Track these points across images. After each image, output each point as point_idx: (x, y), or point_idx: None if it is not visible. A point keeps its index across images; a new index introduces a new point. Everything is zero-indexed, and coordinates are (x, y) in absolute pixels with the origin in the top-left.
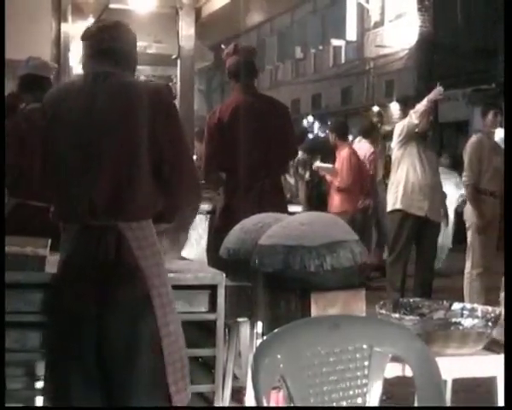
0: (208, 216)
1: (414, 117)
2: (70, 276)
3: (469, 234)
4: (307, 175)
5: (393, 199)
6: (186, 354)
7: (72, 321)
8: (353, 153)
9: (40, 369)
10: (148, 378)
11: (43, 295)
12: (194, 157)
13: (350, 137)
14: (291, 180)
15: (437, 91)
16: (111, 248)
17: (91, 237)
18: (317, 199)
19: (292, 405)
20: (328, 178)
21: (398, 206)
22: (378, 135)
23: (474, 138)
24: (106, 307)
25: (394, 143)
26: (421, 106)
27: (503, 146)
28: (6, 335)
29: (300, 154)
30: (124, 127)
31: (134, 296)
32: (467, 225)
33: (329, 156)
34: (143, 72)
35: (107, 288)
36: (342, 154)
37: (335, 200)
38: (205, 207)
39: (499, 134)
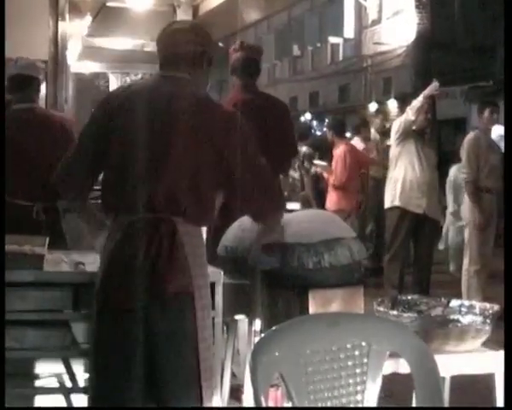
0: None
1: (410, 113)
2: (119, 266)
3: (467, 231)
4: (313, 169)
5: (391, 196)
6: (213, 364)
7: (119, 312)
8: (350, 150)
9: (38, 368)
10: (184, 379)
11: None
12: None
13: (348, 135)
14: (295, 174)
15: (432, 87)
16: (164, 240)
17: (145, 228)
18: (322, 193)
19: (290, 402)
20: (325, 175)
21: (397, 203)
22: (370, 132)
23: (471, 135)
24: (152, 300)
25: (392, 141)
26: (417, 102)
27: (500, 144)
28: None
29: (305, 148)
30: (194, 138)
31: (179, 293)
32: (464, 223)
33: (328, 154)
34: (141, 70)
35: (155, 280)
36: (337, 151)
37: (333, 197)
38: None
39: (496, 131)
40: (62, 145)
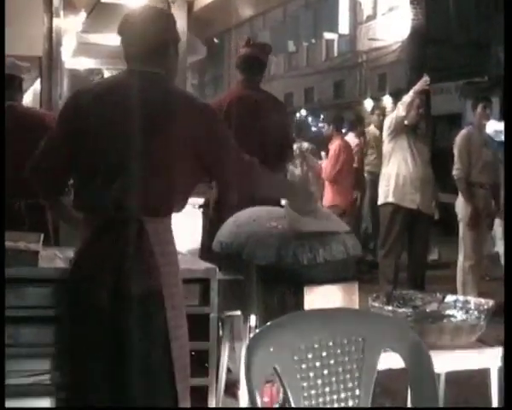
0: (201, 210)
1: (401, 109)
2: (88, 265)
3: (461, 226)
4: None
5: (385, 192)
6: (189, 363)
7: (88, 311)
8: (344, 145)
9: (32, 364)
10: (156, 378)
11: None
12: None
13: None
14: (296, 170)
15: (423, 81)
16: (131, 239)
17: (113, 228)
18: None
19: (286, 399)
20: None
21: (390, 199)
22: (364, 128)
23: (463, 132)
24: (120, 299)
25: (384, 137)
26: (408, 97)
27: (496, 139)
28: None
29: (307, 144)
30: (160, 134)
31: (147, 292)
32: (458, 218)
33: (326, 149)
34: None
35: (122, 279)
36: (332, 146)
37: (328, 193)
38: (198, 200)
39: (492, 126)
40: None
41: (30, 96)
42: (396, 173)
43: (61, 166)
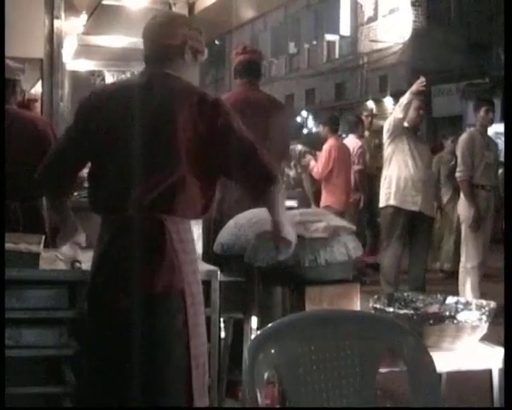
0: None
1: (398, 111)
2: (109, 265)
3: (463, 228)
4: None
5: (386, 195)
6: (207, 361)
7: (110, 311)
8: (337, 146)
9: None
10: (173, 376)
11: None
12: None
13: (340, 131)
14: (290, 172)
15: (419, 82)
16: (153, 238)
17: (133, 227)
18: (319, 191)
19: (285, 399)
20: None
21: (392, 202)
22: (364, 129)
23: (465, 134)
24: (143, 298)
25: (384, 140)
26: (404, 99)
27: (497, 140)
28: None
29: (300, 146)
30: (175, 132)
31: (170, 290)
32: (460, 220)
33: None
34: (137, 68)
35: (145, 279)
36: (325, 146)
37: (322, 194)
38: None
39: (493, 128)
40: (34, 145)
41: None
42: (397, 176)
43: (74, 166)
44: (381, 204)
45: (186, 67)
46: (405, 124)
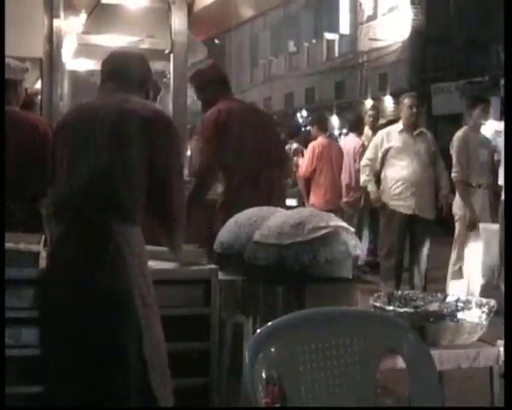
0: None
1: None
2: (58, 267)
3: (457, 226)
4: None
5: (382, 195)
6: (166, 361)
7: (59, 313)
8: (322, 144)
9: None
10: (130, 377)
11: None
12: (188, 153)
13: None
14: None
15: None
16: (99, 240)
17: (82, 229)
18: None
19: (285, 398)
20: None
21: (386, 203)
22: (364, 128)
23: (459, 133)
24: (90, 300)
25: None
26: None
27: (497, 139)
28: None
29: (295, 145)
30: (123, 144)
31: (117, 291)
32: (455, 218)
33: None
34: None
35: (92, 280)
36: (309, 145)
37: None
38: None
39: (491, 127)
40: (34, 147)
41: None
42: (392, 177)
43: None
44: (379, 203)
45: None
46: (401, 123)
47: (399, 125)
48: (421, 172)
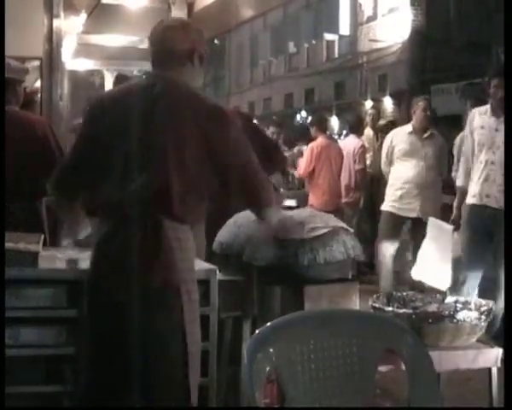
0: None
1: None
2: (106, 261)
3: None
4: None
5: (386, 198)
6: (199, 359)
7: (107, 307)
8: (321, 145)
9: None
10: (170, 372)
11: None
12: None
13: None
14: (295, 172)
15: None
16: (149, 235)
17: (131, 223)
18: None
19: (285, 398)
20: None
21: (388, 208)
22: (364, 129)
23: (460, 135)
24: (139, 294)
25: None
26: None
27: None
28: None
29: (297, 148)
30: (177, 137)
31: (165, 286)
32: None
33: None
34: (136, 67)
35: (141, 275)
36: (308, 146)
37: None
38: None
39: None
40: (34, 146)
41: None
42: (397, 178)
43: (84, 171)
44: (382, 207)
45: (193, 71)
46: (410, 125)
47: (409, 127)
48: (427, 175)
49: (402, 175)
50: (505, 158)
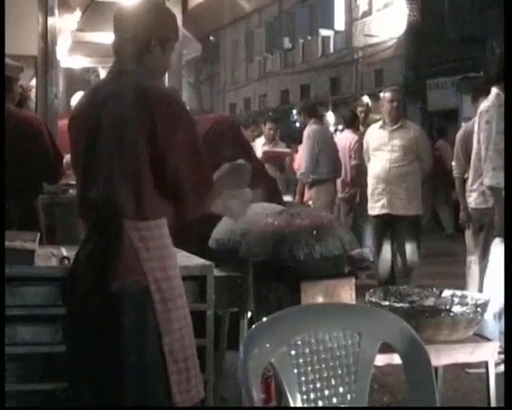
0: None
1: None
2: (78, 265)
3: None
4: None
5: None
6: (194, 354)
7: (78, 312)
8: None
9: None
10: (147, 373)
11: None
12: None
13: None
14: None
15: None
16: (112, 238)
17: (98, 227)
18: None
19: (281, 393)
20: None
21: (369, 211)
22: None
23: (461, 130)
24: (106, 297)
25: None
26: None
27: None
28: None
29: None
30: (127, 135)
31: (133, 287)
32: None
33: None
34: None
35: (108, 277)
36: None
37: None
38: None
39: None
40: (29, 144)
41: None
42: (370, 177)
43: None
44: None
45: (153, 59)
46: (380, 118)
47: (380, 122)
48: (397, 168)
49: (371, 172)
50: (505, 158)
